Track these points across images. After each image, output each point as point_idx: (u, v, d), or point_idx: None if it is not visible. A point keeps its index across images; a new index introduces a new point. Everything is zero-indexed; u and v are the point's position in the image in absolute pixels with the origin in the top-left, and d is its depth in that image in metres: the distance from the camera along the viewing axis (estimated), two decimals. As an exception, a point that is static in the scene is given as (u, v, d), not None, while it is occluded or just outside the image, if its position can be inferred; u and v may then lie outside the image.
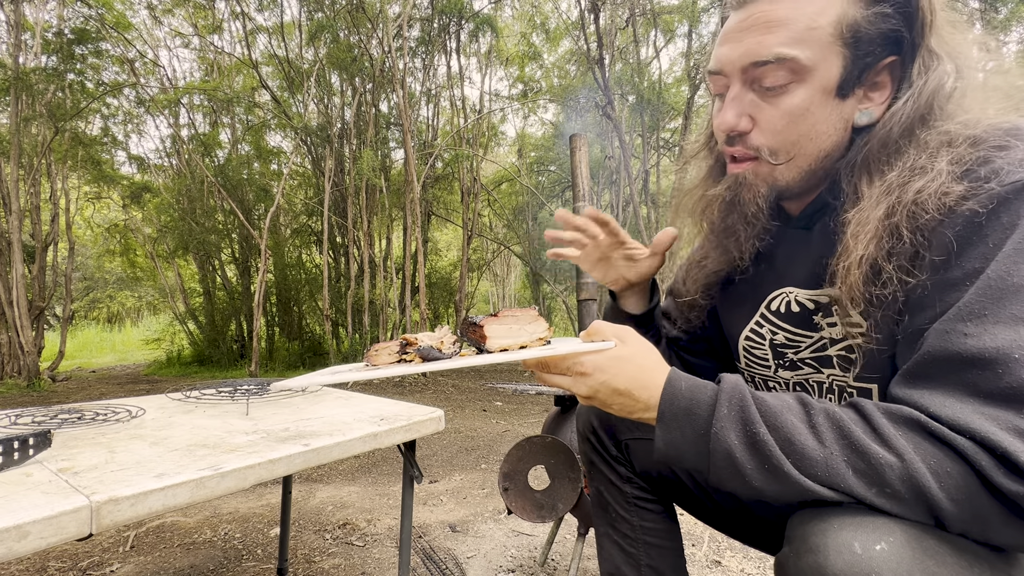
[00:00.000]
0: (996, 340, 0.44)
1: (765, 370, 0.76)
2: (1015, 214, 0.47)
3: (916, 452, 0.45)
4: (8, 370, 6.40)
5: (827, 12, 0.55)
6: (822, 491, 0.48)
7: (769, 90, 0.59)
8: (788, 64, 0.57)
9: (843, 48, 0.56)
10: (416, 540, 1.76)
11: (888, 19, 0.55)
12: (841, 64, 0.57)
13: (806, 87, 0.58)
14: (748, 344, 0.76)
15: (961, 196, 0.49)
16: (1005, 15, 6.24)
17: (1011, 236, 0.46)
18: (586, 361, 0.61)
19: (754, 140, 0.62)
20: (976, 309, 0.46)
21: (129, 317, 18.07)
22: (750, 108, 0.61)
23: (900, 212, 0.52)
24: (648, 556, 0.84)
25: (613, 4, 8.21)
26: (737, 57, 0.60)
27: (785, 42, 0.56)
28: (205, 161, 8.33)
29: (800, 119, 0.59)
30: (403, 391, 5.65)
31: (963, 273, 0.48)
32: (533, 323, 0.69)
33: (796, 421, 0.50)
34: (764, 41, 0.57)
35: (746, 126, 0.62)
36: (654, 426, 0.59)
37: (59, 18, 7.30)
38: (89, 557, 1.62)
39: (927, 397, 0.47)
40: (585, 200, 1.95)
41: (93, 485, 0.59)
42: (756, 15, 0.58)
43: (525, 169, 11.62)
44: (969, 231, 0.49)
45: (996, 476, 0.42)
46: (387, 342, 0.76)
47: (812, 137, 0.60)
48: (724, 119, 0.62)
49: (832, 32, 0.55)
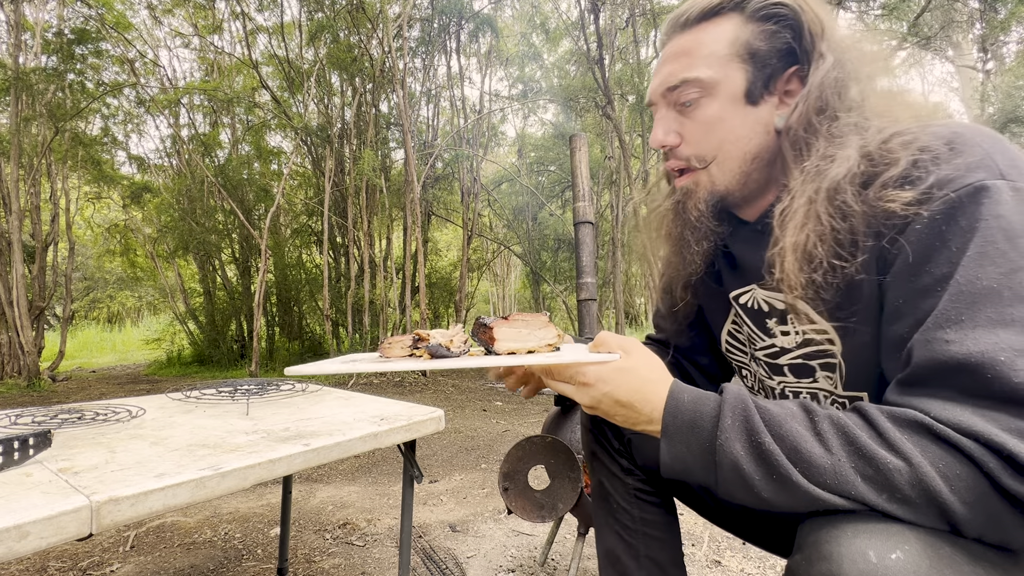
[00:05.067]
0: (979, 344, 0.45)
1: (743, 358, 0.80)
2: (972, 217, 0.49)
3: (924, 456, 0.44)
4: (8, 370, 6.40)
5: (722, 37, 0.65)
6: (833, 499, 0.47)
7: (686, 106, 0.68)
8: (693, 83, 0.66)
9: (742, 63, 0.65)
10: (416, 540, 1.76)
11: (778, 35, 0.64)
12: (744, 76, 0.65)
13: (715, 99, 0.66)
14: (729, 340, 0.81)
15: (915, 202, 0.52)
16: (1005, 15, 6.24)
17: (972, 239, 0.48)
18: (589, 371, 0.62)
19: (683, 152, 0.70)
20: (953, 316, 0.47)
21: (129, 317, 18.06)
22: (675, 125, 0.70)
23: (819, 198, 0.58)
24: (648, 547, 0.85)
25: (613, 4, 8.21)
26: (657, 86, 0.70)
27: (688, 67, 0.66)
28: (205, 161, 8.33)
29: (716, 126, 0.67)
30: (403, 391, 5.65)
31: (933, 279, 0.50)
32: (543, 329, 0.70)
33: (801, 429, 0.50)
34: (673, 70, 0.68)
35: (674, 141, 0.70)
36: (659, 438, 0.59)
37: (59, 18, 7.30)
38: (89, 557, 1.62)
39: (926, 402, 0.47)
40: (585, 200, 1.95)
41: (93, 485, 0.59)
42: (668, 52, 0.70)
43: (525, 169, 11.62)
44: (932, 237, 0.51)
45: (1004, 478, 0.42)
46: (401, 336, 0.77)
47: (732, 141, 0.67)
48: (654, 137, 0.71)
49: (728, 52, 0.65)
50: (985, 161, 0.51)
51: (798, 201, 0.59)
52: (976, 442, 0.43)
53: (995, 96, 8.83)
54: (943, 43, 8.57)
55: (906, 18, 6.06)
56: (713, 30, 0.66)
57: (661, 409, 0.58)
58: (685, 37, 0.68)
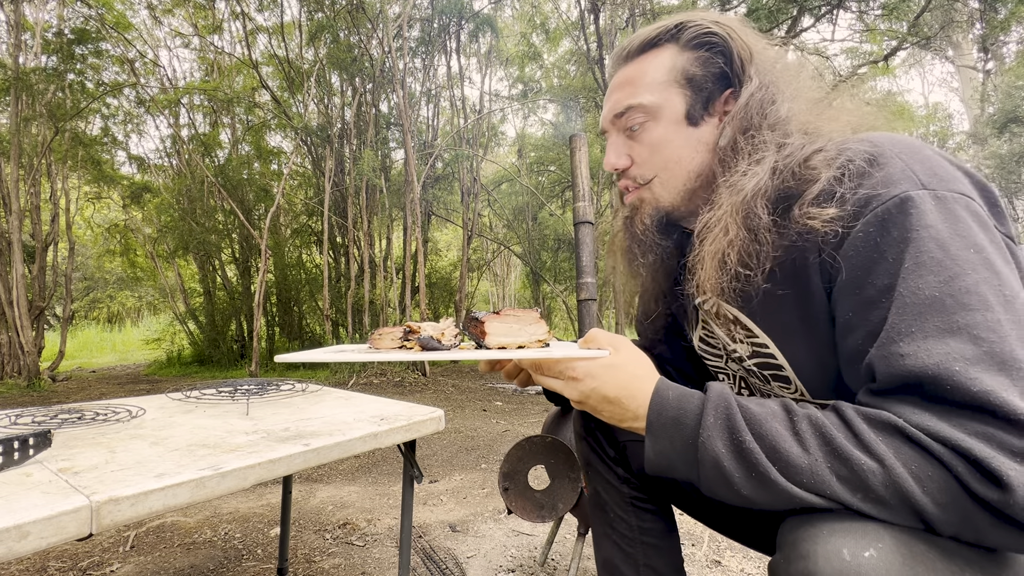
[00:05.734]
0: (932, 356, 0.46)
1: (719, 362, 0.82)
2: (903, 228, 0.51)
3: (897, 457, 0.45)
4: (8, 370, 6.40)
5: (661, 66, 0.70)
6: (810, 498, 0.48)
7: (632, 130, 0.72)
8: (638, 109, 0.70)
9: (680, 88, 0.69)
10: (416, 540, 1.76)
11: (711, 61, 0.68)
12: (683, 100, 0.69)
13: (658, 122, 0.70)
14: (702, 346, 0.83)
15: (839, 218, 0.55)
16: (1005, 15, 6.24)
17: (907, 250, 0.50)
18: (578, 367, 0.63)
19: (633, 172, 0.74)
20: (903, 328, 0.49)
21: (129, 317, 18.06)
22: (625, 148, 0.74)
23: (732, 211, 0.62)
24: (646, 556, 0.84)
25: (613, 4, 8.21)
26: (607, 113, 0.75)
27: (632, 95, 0.71)
28: (205, 161, 8.33)
29: (661, 147, 0.70)
30: (403, 391, 5.65)
31: (876, 291, 0.52)
32: (534, 324, 0.70)
33: (781, 428, 0.51)
34: (619, 98, 0.72)
35: (625, 163, 0.74)
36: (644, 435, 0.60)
37: (59, 18, 7.30)
38: (89, 557, 1.63)
39: (896, 408, 0.48)
40: (585, 200, 1.95)
41: (93, 485, 0.59)
42: (615, 83, 0.75)
43: (525, 169, 11.61)
44: (868, 250, 0.53)
45: (972, 482, 0.43)
46: (392, 327, 0.78)
47: (676, 159, 0.70)
48: (607, 161, 0.75)
49: (667, 78, 0.69)
50: (906, 172, 0.53)
51: (716, 213, 0.64)
52: (945, 447, 0.44)
53: (995, 96, 8.83)
54: (943, 43, 8.57)
55: (906, 18, 6.06)
56: (653, 60, 0.70)
57: (647, 406, 0.59)
58: (628, 68, 0.73)
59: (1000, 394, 0.43)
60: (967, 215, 0.51)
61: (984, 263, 0.48)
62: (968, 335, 0.46)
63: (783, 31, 6.32)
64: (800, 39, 6.69)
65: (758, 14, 5.80)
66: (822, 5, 6.01)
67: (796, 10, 6.00)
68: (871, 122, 0.65)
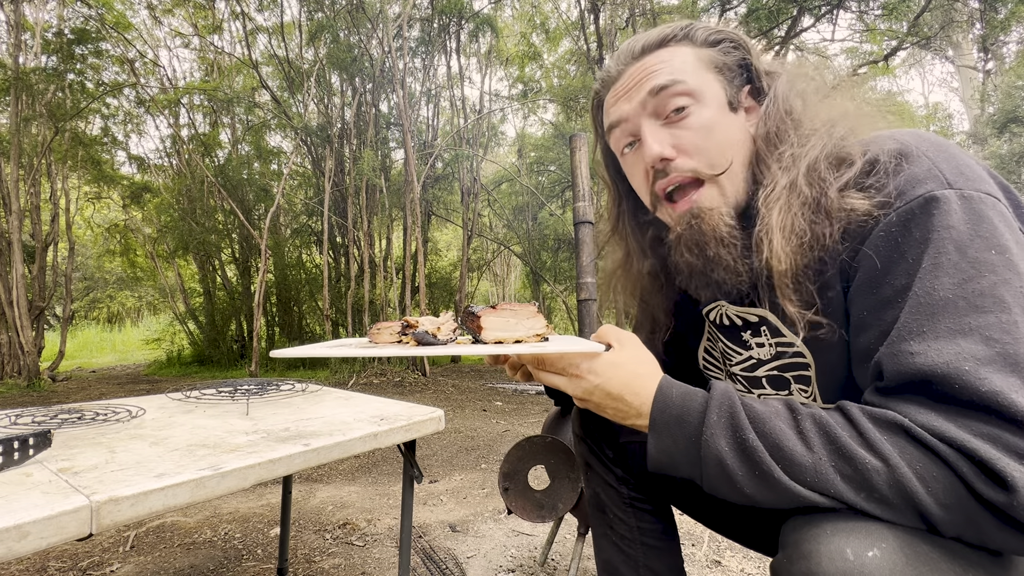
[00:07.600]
0: (942, 355, 0.46)
1: (719, 375, 0.81)
2: (924, 228, 0.50)
3: (901, 457, 0.45)
4: (8, 370, 6.40)
5: (687, 56, 0.66)
6: (813, 496, 0.48)
7: (676, 113, 0.65)
8: (681, 87, 0.64)
9: (715, 74, 0.66)
10: (416, 540, 1.76)
11: (733, 53, 0.67)
12: (720, 85, 0.66)
13: (704, 105, 0.65)
14: (705, 357, 0.82)
15: (869, 213, 0.54)
16: (1005, 15, 6.24)
17: (927, 251, 0.49)
18: (582, 364, 0.62)
19: (684, 164, 0.66)
20: (915, 327, 0.48)
21: (129, 317, 18.06)
22: (668, 138, 0.66)
23: (799, 180, 0.59)
24: (646, 557, 0.84)
25: (613, 4, 8.20)
26: (637, 98, 0.67)
27: (670, 74, 0.65)
28: (205, 161, 8.33)
29: (713, 131, 0.65)
30: (403, 391, 5.65)
31: (893, 291, 0.51)
32: (531, 319, 0.70)
33: (784, 427, 0.51)
34: (654, 78, 0.66)
35: (671, 153, 0.66)
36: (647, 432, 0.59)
37: (59, 18, 7.30)
38: (89, 557, 1.62)
39: (902, 407, 0.48)
40: (585, 200, 1.95)
41: (93, 485, 0.59)
42: (635, 72, 0.68)
43: (525, 169, 11.61)
44: (889, 249, 0.52)
45: (978, 484, 0.42)
46: (390, 321, 0.78)
47: (731, 145, 0.65)
48: (650, 151, 0.66)
49: (698, 64, 0.66)
50: (932, 171, 0.52)
51: (780, 184, 0.60)
52: (950, 447, 0.44)
53: (995, 96, 8.83)
54: (943, 43, 8.55)
55: (906, 18, 6.06)
56: (675, 51, 0.67)
57: (650, 403, 0.59)
58: (646, 60, 0.68)
59: (1009, 395, 0.42)
60: (993, 215, 0.50)
61: (1006, 264, 0.47)
62: (980, 336, 0.45)
63: (783, 31, 6.33)
64: (800, 39, 6.69)
65: (758, 14, 5.80)
66: (822, 5, 6.01)
67: (796, 10, 6.00)
68: (891, 121, 0.65)
